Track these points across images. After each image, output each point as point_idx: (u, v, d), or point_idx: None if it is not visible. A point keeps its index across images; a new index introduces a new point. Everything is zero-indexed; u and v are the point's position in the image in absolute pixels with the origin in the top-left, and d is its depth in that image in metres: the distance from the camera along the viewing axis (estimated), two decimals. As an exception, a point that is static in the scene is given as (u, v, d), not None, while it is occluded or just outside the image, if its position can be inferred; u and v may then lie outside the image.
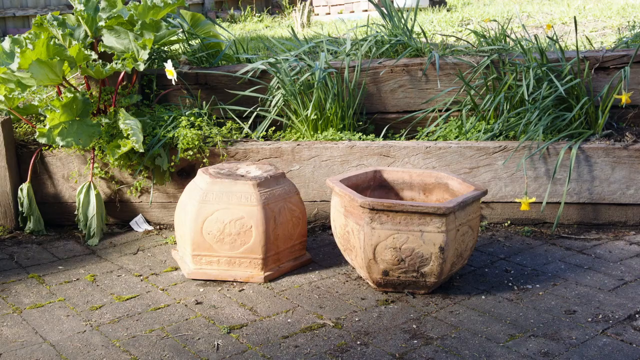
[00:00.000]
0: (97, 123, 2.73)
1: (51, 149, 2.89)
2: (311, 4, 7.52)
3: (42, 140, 2.64)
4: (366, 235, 2.10)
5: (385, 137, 3.02)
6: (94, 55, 2.76)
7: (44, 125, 2.67)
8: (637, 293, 2.17)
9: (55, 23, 2.77)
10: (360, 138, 2.90)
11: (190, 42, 3.41)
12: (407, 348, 1.87)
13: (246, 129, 3.02)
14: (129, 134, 2.65)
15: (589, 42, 3.41)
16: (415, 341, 1.91)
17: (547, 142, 2.71)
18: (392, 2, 3.49)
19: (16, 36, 2.83)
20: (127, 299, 2.22)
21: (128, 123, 2.67)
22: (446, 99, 3.06)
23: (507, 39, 3.22)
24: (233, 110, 3.13)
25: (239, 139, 2.93)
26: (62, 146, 2.65)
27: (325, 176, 2.82)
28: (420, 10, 6.34)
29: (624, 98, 2.66)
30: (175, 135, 2.79)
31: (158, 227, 2.92)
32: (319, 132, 2.98)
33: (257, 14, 8.02)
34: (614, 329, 1.95)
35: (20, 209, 2.85)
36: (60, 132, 2.65)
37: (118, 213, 2.94)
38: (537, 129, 2.71)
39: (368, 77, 3.09)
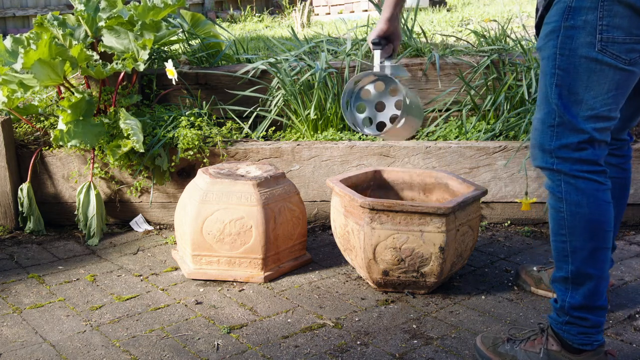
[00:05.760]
0: (100, 122, 2.74)
1: (51, 149, 2.89)
2: (311, 4, 7.52)
3: (59, 143, 2.66)
4: (366, 235, 2.10)
5: (385, 137, 3.02)
6: (96, 56, 2.76)
7: (49, 126, 2.67)
8: (637, 293, 2.17)
9: (55, 23, 2.77)
10: (360, 138, 2.90)
11: (190, 42, 3.41)
12: (407, 348, 1.87)
13: (246, 129, 3.02)
14: (129, 134, 2.65)
15: None
16: (415, 341, 1.91)
17: (547, 142, 2.70)
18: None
19: (18, 35, 2.84)
20: (127, 299, 2.22)
21: (128, 123, 2.67)
22: (446, 99, 3.06)
23: (507, 39, 3.22)
24: (233, 110, 3.13)
25: (239, 139, 2.93)
26: (71, 146, 2.66)
27: (325, 176, 2.82)
28: (420, 10, 6.34)
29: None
30: (175, 135, 2.79)
31: (158, 227, 2.92)
32: (319, 132, 2.98)
33: (257, 14, 8.02)
34: (614, 329, 1.95)
35: (20, 209, 2.85)
36: (68, 132, 2.65)
37: (118, 213, 2.94)
38: (537, 129, 2.71)
39: (368, 77, 3.08)
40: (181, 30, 3.25)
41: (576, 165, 1.58)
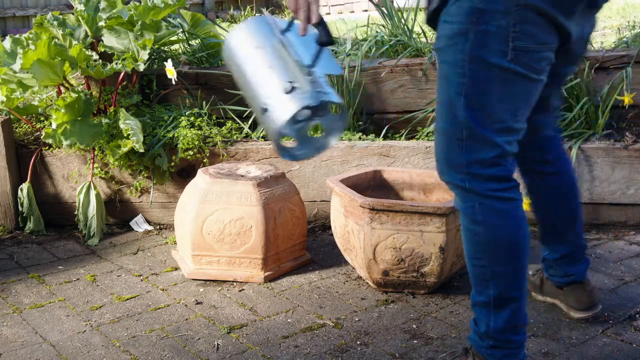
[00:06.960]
0: (99, 123, 2.74)
1: (51, 149, 2.89)
2: (311, 4, 7.51)
3: (49, 141, 2.65)
4: (366, 235, 2.10)
5: (385, 137, 3.02)
6: (95, 56, 2.76)
7: (48, 125, 2.67)
8: (637, 293, 2.17)
9: (55, 23, 2.77)
10: (360, 138, 2.90)
11: (190, 42, 3.41)
12: (407, 348, 1.87)
13: (246, 129, 3.02)
14: (129, 134, 2.65)
15: (589, 42, 3.40)
16: (415, 341, 1.91)
17: (547, 142, 2.70)
18: (392, 2, 3.49)
19: (17, 36, 2.83)
20: (127, 299, 2.22)
21: (128, 123, 2.67)
22: (446, 99, 3.06)
23: (507, 39, 3.21)
24: (233, 110, 3.13)
25: (239, 139, 2.93)
26: (66, 146, 2.65)
27: (325, 176, 2.81)
28: (421, 10, 6.33)
29: (627, 99, 2.66)
30: (175, 135, 2.79)
31: (158, 227, 2.92)
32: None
33: (257, 14, 8.02)
34: (614, 329, 1.95)
35: (20, 209, 2.85)
36: (64, 132, 2.65)
37: (118, 213, 2.94)
38: (537, 129, 2.71)
39: (368, 77, 3.08)
40: (181, 30, 3.25)
41: (489, 183, 1.48)
